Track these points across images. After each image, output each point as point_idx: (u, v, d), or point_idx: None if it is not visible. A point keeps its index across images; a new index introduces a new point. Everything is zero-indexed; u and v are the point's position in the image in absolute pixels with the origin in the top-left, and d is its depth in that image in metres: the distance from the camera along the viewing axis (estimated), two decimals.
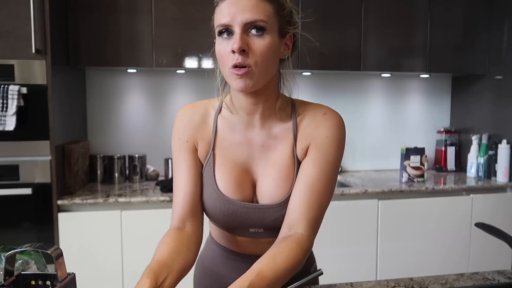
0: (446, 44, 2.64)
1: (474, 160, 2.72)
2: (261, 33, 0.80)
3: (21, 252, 0.80)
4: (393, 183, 2.49)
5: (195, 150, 0.94)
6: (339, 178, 2.74)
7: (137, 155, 2.49)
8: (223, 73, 0.85)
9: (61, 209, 2.04)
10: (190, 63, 2.32)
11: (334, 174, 0.90)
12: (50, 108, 1.96)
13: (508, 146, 2.54)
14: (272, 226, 0.90)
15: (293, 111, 0.93)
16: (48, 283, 0.73)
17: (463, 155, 2.92)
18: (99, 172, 2.46)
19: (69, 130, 2.25)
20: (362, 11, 2.50)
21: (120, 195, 2.12)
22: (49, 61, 1.94)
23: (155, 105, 2.65)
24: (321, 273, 0.77)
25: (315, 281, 1.01)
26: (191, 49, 2.30)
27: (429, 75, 2.87)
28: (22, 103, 1.92)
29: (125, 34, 2.25)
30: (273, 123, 0.92)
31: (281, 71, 0.92)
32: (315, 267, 1.07)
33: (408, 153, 2.52)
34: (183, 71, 2.59)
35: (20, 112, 1.92)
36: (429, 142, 3.02)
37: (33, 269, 0.81)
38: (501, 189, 2.54)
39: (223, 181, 0.91)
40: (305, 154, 0.90)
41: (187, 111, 0.96)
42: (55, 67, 2.00)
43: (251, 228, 0.93)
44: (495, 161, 2.60)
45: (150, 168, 2.58)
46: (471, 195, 2.48)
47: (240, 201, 0.91)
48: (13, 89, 1.89)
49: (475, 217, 2.47)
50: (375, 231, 2.37)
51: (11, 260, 0.71)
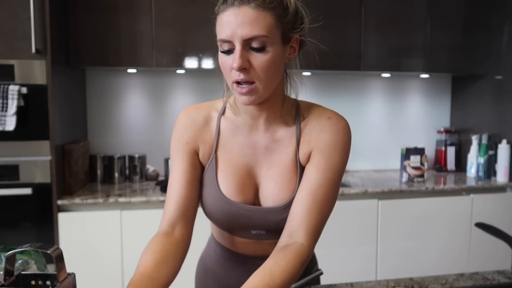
0: (446, 44, 2.64)
1: (474, 160, 2.72)
2: (262, 48, 0.78)
3: (21, 252, 0.80)
4: (393, 183, 2.49)
5: (195, 153, 0.92)
6: None
7: (137, 155, 2.49)
8: (227, 83, 0.84)
9: (61, 209, 2.04)
10: (190, 63, 2.32)
11: (337, 180, 0.88)
12: (50, 108, 1.96)
13: (508, 146, 2.54)
14: (274, 228, 0.90)
15: (297, 114, 0.91)
16: (48, 283, 0.73)
17: (463, 155, 2.92)
18: (99, 172, 2.46)
19: (69, 130, 2.25)
20: (362, 11, 2.50)
21: (120, 195, 2.12)
22: (49, 61, 1.94)
23: (155, 105, 2.65)
24: (321, 273, 0.77)
25: (315, 281, 1.01)
26: (191, 49, 2.30)
27: (429, 75, 2.87)
28: (22, 103, 1.92)
29: (125, 34, 2.25)
30: (277, 126, 0.90)
31: (287, 71, 0.90)
32: (316, 268, 1.07)
33: (408, 153, 2.52)
34: (183, 71, 2.59)
35: (20, 112, 1.92)
36: (429, 142, 3.02)
37: (33, 269, 0.81)
38: (501, 189, 2.54)
39: (225, 183, 0.90)
40: (308, 159, 0.89)
41: (190, 112, 0.94)
42: (55, 67, 2.00)
43: (252, 230, 0.92)
44: (495, 161, 2.60)
45: (150, 168, 2.58)
46: (471, 195, 2.48)
47: (242, 203, 0.90)
48: (13, 89, 1.89)
49: (475, 217, 2.47)
50: (375, 231, 2.37)
51: (11, 260, 0.71)
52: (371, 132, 2.94)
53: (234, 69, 0.78)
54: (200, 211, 0.94)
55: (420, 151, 2.53)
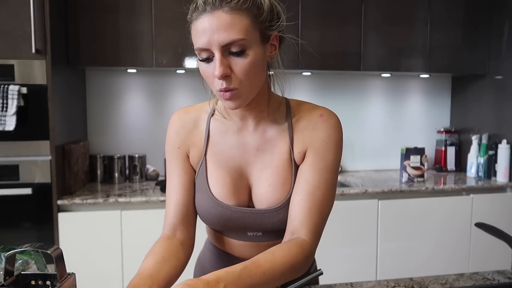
0: (446, 44, 2.64)
1: (474, 160, 2.72)
2: (241, 52, 0.76)
3: (21, 252, 0.79)
4: (393, 183, 2.49)
5: (187, 157, 0.92)
6: (339, 178, 2.74)
7: (137, 155, 2.49)
8: (212, 90, 0.83)
9: (61, 209, 2.04)
10: (190, 63, 2.32)
11: (334, 178, 0.88)
12: (50, 108, 1.96)
13: (508, 146, 2.54)
14: (271, 229, 0.89)
15: (288, 112, 0.90)
16: (48, 283, 0.73)
17: (463, 155, 2.92)
18: (99, 172, 2.46)
19: (69, 130, 2.25)
20: (362, 11, 2.50)
21: (120, 195, 2.12)
22: (49, 61, 1.94)
23: (155, 105, 2.65)
24: (321, 273, 0.77)
25: (315, 281, 1.01)
26: (191, 49, 2.27)
27: (429, 75, 2.87)
28: (22, 103, 1.92)
29: (125, 34, 2.25)
30: (267, 125, 0.89)
31: (271, 72, 0.89)
32: (315, 267, 1.06)
33: (408, 153, 2.52)
34: (183, 71, 2.59)
35: (20, 112, 1.92)
36: (429, 142, 3.02)
37: (33, 269, 0.80)
38: (501, 189, 2.54)
39: (217, 186, 0.89)
40: (303, 158, 0.88)
41: (180, 116, 0.94)
42: (55, 67, 2.00)
43: (249, 232, 0.91)
44: (495, 161, 2.60)
45: (150, 168, 2.58)
46: (471, 195, 2.48)
47: (236, 206, 0.89)
48: (13, 89, 1.89)
49: (475, 217, 2.47)
50: (375, 231, 2.37)
51: (11, 260, 0.71)
52: (371, 132, 2.94)
53: (216, 77, 0.76)
54: None
55: (420, 151, 2.53)
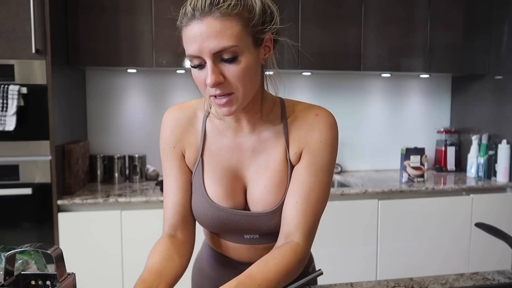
0: (446, 44, 2.64)
1: (474, 160, 2.72)
2: (233, 59, 0.74)
3: (21, 252, 0.79)
4: (393, 183, 2.49)
5: (182, 156, 0.91)
6: (339, 178, 2.74)
7: (137, 155, 2.49)
8: (205, 97, 0.81)
9: (61, 209, 2.04)
10: None
11: (329, 179, 0.87)
12: (50, 108, 1.96)
13: (508, 146, 2.54)
14: (267, 232, 0.88)
15: (283, 112, 0.89)
16: (48, 283, 0.73)
17: (463, 155, 2.92)
18: (99, 172, 2.46)
19: (69, 130, 2.25)
20: (362, 11, 2.50)
21: (120, 195, 2.12)
22: (49, 61, 1.94)
23: (155, 105, 2.65)
24: (321, 273, 0.77)
25: (314, 281, 1.01)
26: None
27: (429, 75, 2.87)
28: (22, 103, 1.92)
29: (125, 34, 2.25)
30: (262, 127, 0.88)
31: (265, 73, 0.87)
32: (313, 266, 1.06)
33: (408, 153, 2.52)
34: (183, 71, 2.59)
35: (20, 112, 1.92)
36: (429, 142, 3.02)
37: (33, 269, 0.80)
38: (501, 189, 2.54)
39: (213, 188, 0.88)
40: (299, 159, 0.87)
41: (174, 113, 0.92)
42: (55, 67, 2.00)
43: (245, 234, 0.90)
44: (495, 161, 2.60)
45: (150, 168, 2.58)
46: (471, 195, 2.48)
47: (232, 208, 0.88)
48: (13, 89, 1.89)
49: (475, 217, 2.47)
50: (375, 231, 2.37)
51: (11, 260, 0.71)
52: (371, 132, 2.94)
53: (208, 85, 0.75)
54: None
55: (420, 151, 2.53)
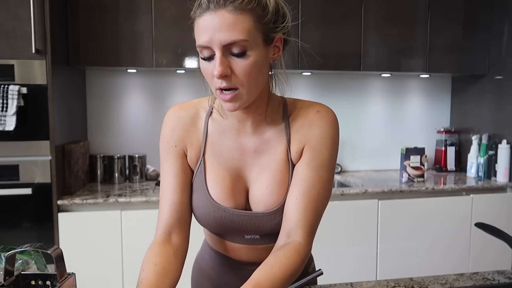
0: (446, 44, 2.64)
1: (474, 160, 2.72)
2: (242, 53, 0.74)
3: (21, 252, 0.79)
4: (393, 183, 2.49)
5: (184, 155, 0.90)
6: (339, 178, 2.74)
7: (137, 155, 2.49)
8: (211, 89, 0.82)
9: (61, 209, 2.04)
10: (190, 63, 2.32)
11: (330, 176, 0.87)
12: (50, 108, 1.96)
13: (508, 146, 2.54)
14: (268, 232, 0.88)
15: (285, 111, 0.89)
16: (48, 283, 0.73)
17: (463, 155, 2.92)
18: (99, 172, 2.46)
19: (69, 130, 2.25)
20: (362, 11, 2.50)
21: (120, 195, 2.12)
22: (49, 61, 1.94)
23: (155, 105, 2.65)
24: (321, 273, 0.77)
25: (314, 281, 1.01)
26: (191, 49, 2.30)
27: (429, 75, 2.87)
28: (22, 103, 1.92)
29: (125, 34, 2.25)
30: (265, 127, 0.88)
31: (272, 71, 0.87)
32: (313, 266, 1.06)
33: (408, 153, 2.52)
34: (183, 71, 2.59)
35: (20, 112, 1.92)
36: (429, 142, 3.02)
37: (33, 269, 0.81)
38: (501, 189, 2.54)
39: (215, 188, 0.88)
40: (300, 156, 0.87)
41: (177, 112, 0.92)
42: (55, 67, 2.00)
43: (246, 234, 0.90)
44: (495, 161, 2.60)
45: (150, 168, 2.58)
46: (471, 195, 2.48)
47: (233, 208, 0.87)
48: (13, 89, 1.89)
49: (475, 217, 2.47)
50: (375, 231, 2.37)
51: (11, 260, 0.71)
52: (371, 132, 2.94)
53: (215, 77, 0.75)
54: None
55: (420, 151, 2.53)
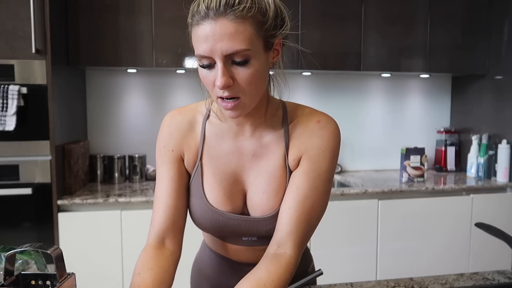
0: (446, 44, 2.64)
1: (474, 160, 2.72)
2: (245, 62, 0.73)
3: (21, 252, 0.80)
4: (393, 183, 2.49)
5: (181, 160, 0.89)
6: (339, 178, 2.74)
7: (137, 155, 2.49)
8: (212, 96, 0.80)
9: (61, 209, 2.04)
10: (190, 63, 2.32)
11: (327, 187, 0.85)
12: (50, 108, 1.96)
13: (508, 146, 2.54)
14: (265, 235, 0.87)
15: (284, 117, 0.88)
16: (48, 283, 0.73)
17: (463, 155, 2.92)
18: (99, 172, 2.46)
19: (69, 130, 2.25)
20: (362, 11, 2.50)
21: (120, 195, 2.12)
22: (49, 61, 1.94)
23: (155, 105, 2.65)
24: (321, 273, 0.77)
25: (314, 281, 1.01)
26: (191, 49, 2.28)
27: (429, 75, 2.87)
28: (22, 103, 1.92)
29: (125, 34, 2.25)
30: (264, 131, 0.87)
31: (271, 73, 0.86)
32: (312, 266, 1.06)
33: (408, 153, 2.52)
34: (183, 71, 2.59)
35: (20, 112, 1.92)
36: (429, 142, 3.02)
37: (33, 269, 0.81)
38: (501, 189, 2.54)
39: (212, 192, 0.87)
40: (297, 165, 0.85)
41: (174, 117, 0.91)
42: (55, 67, 2.00)
43: (244, 237, 0.90)
44: (495, 161, 2.60)
45: (150, 168, 2.58)
46: (471, 195, 2.48)
47: (230, 212, 0.87)
48: (13, 89, 1.89)
49: (475, 217, 2.47)
50: (375, 231, 2.37)
51: (11, 260, 0.71)
52: (371, 132, 2.94)
53: (217, 87, 0.74)
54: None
55: (420, 151, 2.53)
